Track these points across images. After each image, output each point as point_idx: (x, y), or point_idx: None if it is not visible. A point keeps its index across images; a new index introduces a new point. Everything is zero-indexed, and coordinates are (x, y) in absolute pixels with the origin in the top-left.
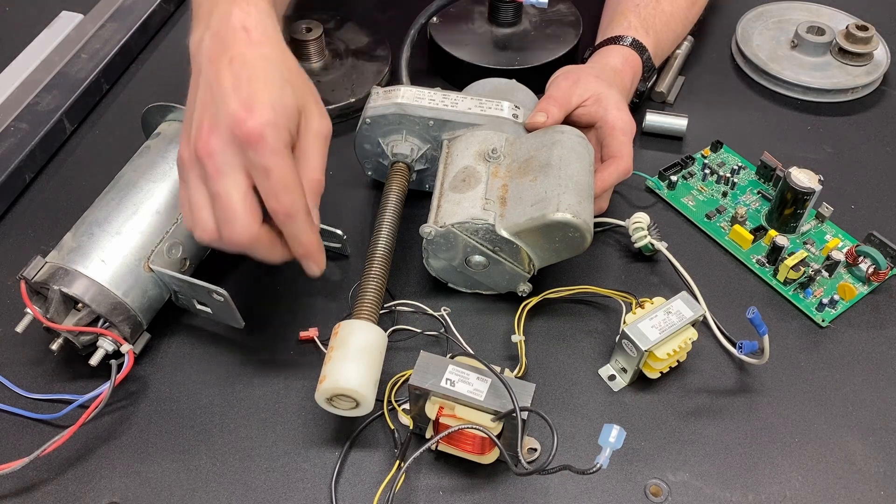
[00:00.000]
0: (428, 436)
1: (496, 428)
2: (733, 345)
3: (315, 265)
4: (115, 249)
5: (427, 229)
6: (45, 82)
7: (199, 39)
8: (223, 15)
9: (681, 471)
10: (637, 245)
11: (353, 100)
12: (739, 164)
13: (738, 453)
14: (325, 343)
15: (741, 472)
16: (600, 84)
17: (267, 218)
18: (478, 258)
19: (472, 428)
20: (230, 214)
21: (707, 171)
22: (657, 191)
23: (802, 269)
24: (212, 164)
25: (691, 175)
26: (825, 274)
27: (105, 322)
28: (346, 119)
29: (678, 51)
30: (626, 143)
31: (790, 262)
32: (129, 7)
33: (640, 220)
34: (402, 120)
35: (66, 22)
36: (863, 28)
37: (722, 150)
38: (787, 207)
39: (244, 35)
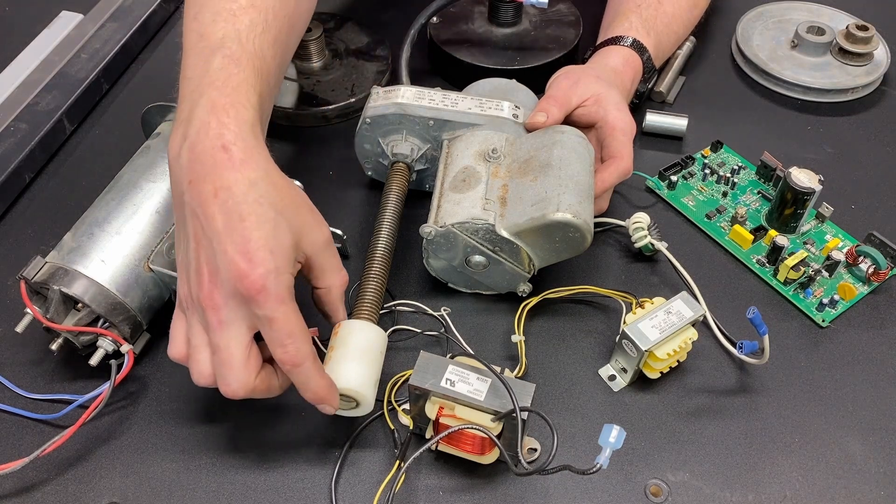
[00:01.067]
0: (428, 436)
1: (496, 428)
2: (733, 345)
3: (329, 407)
4: (115, 249)
5: (427, 229)
6: (45, 82)
7: (177, 148)
8: (200, 126)
9: (681, 471)
10: (637, 245)
11: (353, 100)
12: (739, 164)
13: (738, 453)
14: (325, 343)
15: (741, 472)
16: (601, 84)
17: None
18: (478, 258)
19: (472, 428)
20: (228, 369)
21: (707, 171)
22: (657, 191)
23: (802, 269)
24: (215, 317)
25: (691, 175)
26: (825, 274)
27: (105, 322)
28: (346, 119)
29: (679, 51)
30: (627, 144)
31: (790, 262)
32: (129, 7)
33: (640, 220)
34: (402, 120)
35: (66, 22)
36: (863, 28)
37: (722, 150)
38: (787, 207)
39: (224, 157)
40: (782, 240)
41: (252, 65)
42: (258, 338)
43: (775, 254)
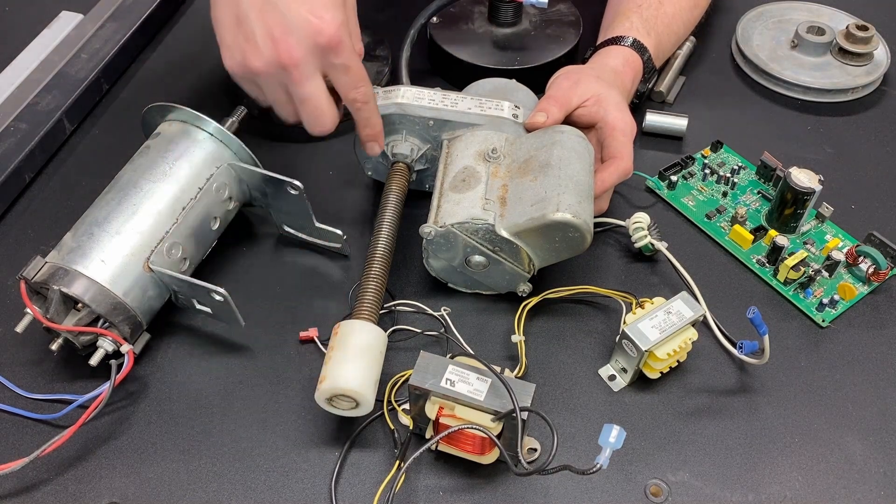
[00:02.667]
0: (428, 436)
1: (496, 428)
2: (733, 345)
3: (378, 145)
4: (115, 249)
5: (427, 229)
6: (45, 82)
7: None
8: None
9: (681, 471)
10: (637, 245)
11: None
12: (739, 164)
13: (738, 453)
14: (325, 343)
15: (741, 472)
16: (601, 84)
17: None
18: (478, 258)
19: (472, 428)
20: (320, 113)
21: (707, 171)
22: (657, 191)
23: (802, 269)
24: (297, 72)
25: (691, 175)
26: (825, 274)
27: (105, 322)
28: (346, 119)
29: (679, 51)
30: (627, 144)
31: (790, 262)
32: (129, 7)
33: (640, 220)
34: (402, 120)
35: (66, 22)
36: (863, 28)
37: (722, 150)
38: (787, 207)
39: None
40: (782, 240)
41: None
42: None
43: (775, 254)
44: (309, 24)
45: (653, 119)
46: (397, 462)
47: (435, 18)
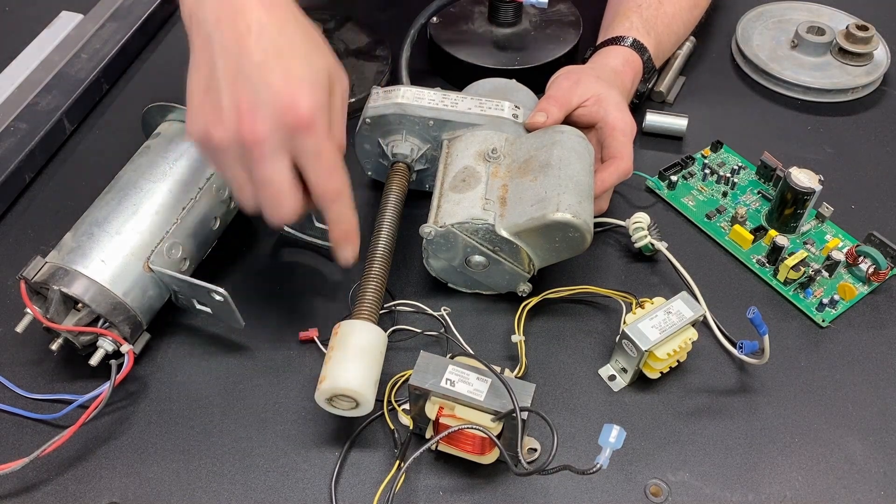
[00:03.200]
0: (428, 436)
1: (496, 428)
2: (733, 345)
3: (352, 250)
4: (115, 249)
5: (427, 229)
6: (45, 82)
7: (194, 2)
8: None
9: (681, 471)
10: (637, 245)
11: (353, 100)
12: (739, 164)
13: (738, 453)
14: (325, 343)
15: (741, 472)
16: (601, 84)
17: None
18: (478, 258)
19: (472, 428)
20: (279, 200)
21: (707, 171)
22: (657, 191)
23: (802, 269)
24: (259, 150)
25: (691, 175)
26: (825, 274)
27: (105, 322)
28: (346, 119)
29: (679, 51)
30: (627, 144)
31: (790, 262)
32: (129, 7)
33: (640, 220)
34: (402, 120)
35: (66, 22)
36: (863, 28)
37: (722, 150)
38: (787, 207)
39: None
40: (782, 240)
41: None
42: None
43: (775, 254)
44: (280, 99)
45: (653, 119)
46: (397, 462)
47: (435, 18)
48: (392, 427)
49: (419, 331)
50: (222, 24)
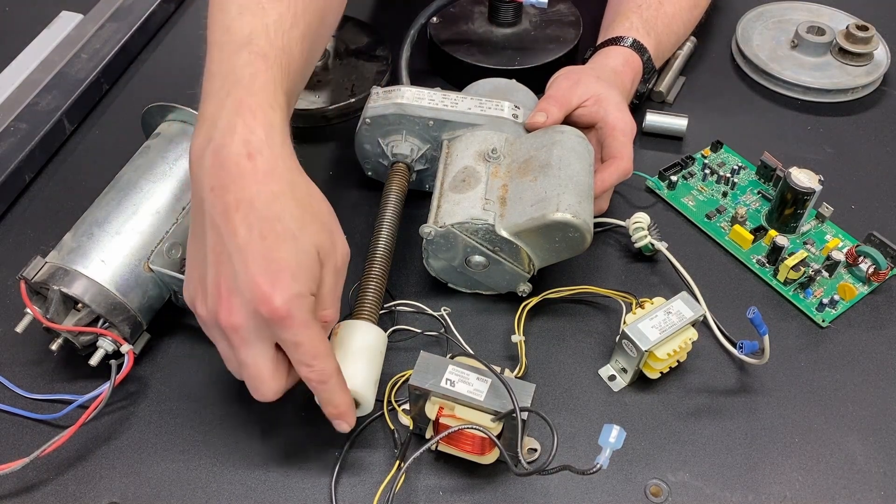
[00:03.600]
0: (428, 436)
1: (496, 428)
2: (733, 345)
3: (348, 424)
4: (115, 249)
5: (427, 229)
6: (45, 82)
7: (200, 150)
8: (226, 129)
9: (681, 471)
10: (637, 245)
11: (353, 100)
12: (739, 164)
13: (738, 453)
14: None
15: (741, 472)
16: (601, 85)
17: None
18: (478, 258)
19: (472, 428)
20: (258, 382)
21: (707, 171)
22: (657, 191)
23: (802, 269)
24: (237, 337)
25: (691, 175)
26: (825, 274)
27: (105, 322)
28: (346, 119)
29: (679, 51)
30: (627, 144)
31: (790, 262)
32: (129, 7)
33: (640, 220)
34: (402, 120)
35: (66, 22)
36: (863, 28)
37: (722, 150)
38: (787, 207)
39: (249, 166)
40: (782, 240)
41: (280, 62)
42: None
43: (775, 254)
44: (255, 289)
45: (653, 119)
46: (397, 462)
47: (435, 18)
48: (392, 427)
49: (419, 331)
50: (215, 195)
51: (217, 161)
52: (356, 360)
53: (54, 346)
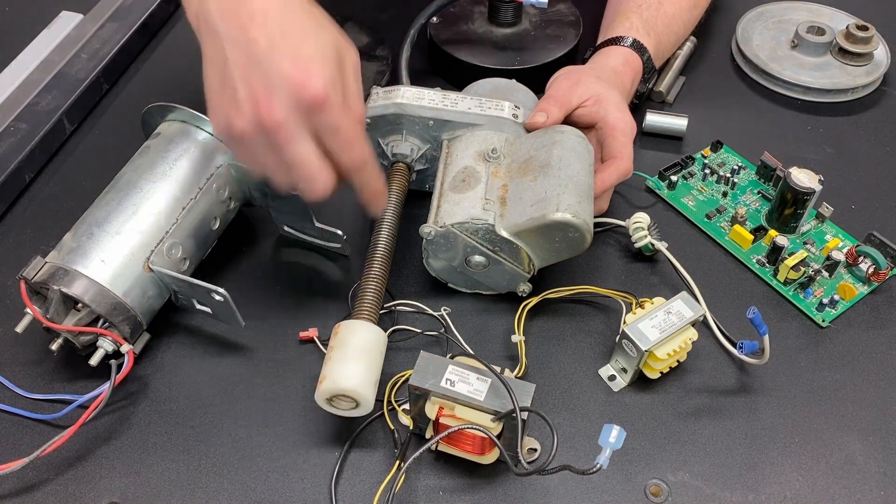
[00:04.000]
0: (428, 436)
1: (496, 428)
2: (733, 345)
3: (381, 206)
4: (115, 249)
5: (427, 229)
6: (45, 82)
7: (198, 1)
8: None
9: (681, 471)
10: (637, 245)
11: None
12: (739, 164)
13: (738, 453)
14: (325, 343)
15: (741, 472)
16: (601, 85)
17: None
18: (478, 258)
19: (472, 428)
20: (312, 177)
21: (707, 171)
22: (657, 191)
23: (802, 269)
24: (282, 133)
25: (691, 175)
26: (825, 274)
27: (105, 322)
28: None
29: (679, 51)
30: (627, 144)
31: (790, 262)
32: (129, 7)
33: (640, 220)
34: (402, 120)
35: (66, 22)
36: (863, 28)
37: (722, 150)
38: (787, 207)
39: None
40: (782, 240)
41: None
42: None
43: (775, 254)
44: (292, 80)
45: (653, 119)
46: (397, 462)
47: (435, 18)
48: (392, 427)
49: (419, 331)
50: (227, 17)
51: None
52: (356, 360)
53: (54, 346)
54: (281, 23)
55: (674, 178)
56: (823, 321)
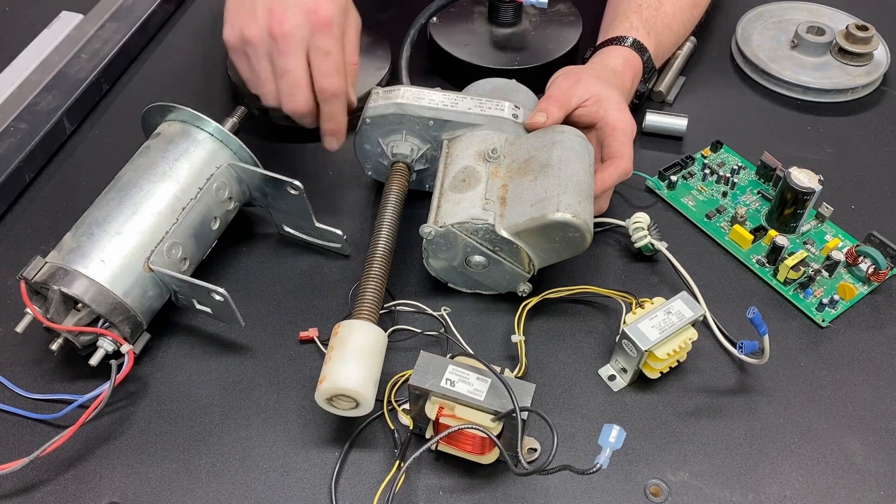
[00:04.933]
0: (428, 436)
1: (496, 428)
2: (733, 345)
3: (337, 141)
4: (115, 249)
5: (427, 229)
6: (45, 82)
7: None
8: None
9: (681, 471)
10: (637, 245)
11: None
12: (739, 164)
13: (738, 453)
14: (325, 343)
15: (741, 472)
16: (601, 85)
17: None
18: (478, 258)
19: (472, 428)
20: (295, 89)
21: (707, 171)
22: (657, 191)
23: (802, 269)
24: (284, 43)
25: (691, 175)
26: (825, 274)
27: (105, 322)
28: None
29: (680, 51)
30: (627, 144)
31: (790, 262)
32: (129, 7)
33: (640, 220)
34: (402, 120)
35: (66, 22)
36: (863, 28)
37: (722, 150)
38: (787, 207)
39: None
40: (782, 240)
41: None
42: None
43: (775, 254)
44: (306, 4)
45: (653, 119)
46: (397, 462)
47: (435, 18)
48: (392, 427)
49: (419, 331)
50: None
51: None
52: (356, 360)
53: (54, 346)
54: None
55: (674, 178)
56: (823, 321)
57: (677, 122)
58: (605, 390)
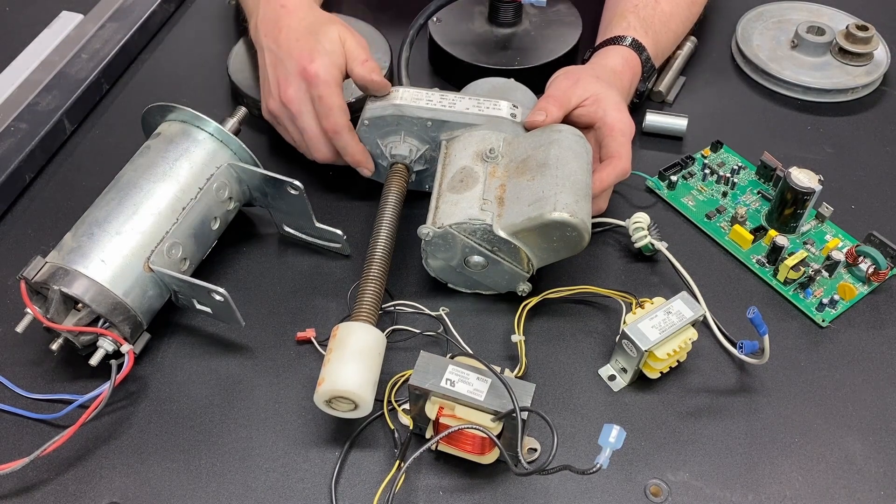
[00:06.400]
0: (428, 436)
1: (496, 428)
2: (733, 345)
3: (365, 169)
4: (115, 249)
5: (425, 230)
6: (45, 82)
7: (254, 27)
8: (265, 2)
9: (681, 471)
10: (637, 245)
11: (352, 100)
12: (739, 164)
13: (738, 453)
14: (323, 344)
15: (741, 472)
16: (600, 84)
17: None
18: (476, 258)
19: (472, 428)
20: (313, 141)
21: (707, 171)
22: (657, 191)
23: (802, 269)
24: (293, 107)
25: (691, 175)
26: (825, 274)
27: (105, 322)
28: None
29: (680, 51)
30: (625, 144)
31: (790, 262)
32: (129, 7)
33: (640, 220)
34: (401, 121)
35: (66, 22)
36: (863, 28)
37: (722, 150)
38: (787, 207)
39: (284, 11)
40: (782, 240)
41: None
42: None
43: (775, 254)
44: (298, 65)
45: (653, 119)
46: (397, 462)
47: (435, 18)
48: (392, 427)
49: (418, 331)
50: (266, 34)
51: (265, 21)
52: (355, 362)
53: (54, 346)
54: (296, 32)
55: (674, 178)
56: (823, 321)
57: (677, 122)
58: (605, 390)
